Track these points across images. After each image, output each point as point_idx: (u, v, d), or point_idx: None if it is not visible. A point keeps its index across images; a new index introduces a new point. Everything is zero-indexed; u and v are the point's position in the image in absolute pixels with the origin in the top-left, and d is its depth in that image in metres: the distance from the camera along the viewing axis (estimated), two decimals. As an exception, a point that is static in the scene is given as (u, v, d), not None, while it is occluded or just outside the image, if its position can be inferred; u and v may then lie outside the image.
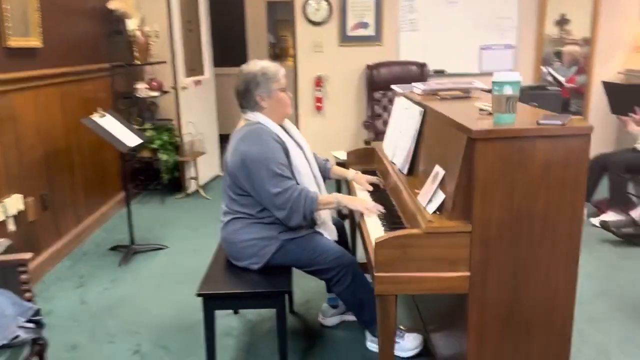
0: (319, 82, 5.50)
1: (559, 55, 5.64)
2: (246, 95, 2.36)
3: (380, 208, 2.30)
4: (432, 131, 2.17)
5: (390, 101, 5.40)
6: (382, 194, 2.57)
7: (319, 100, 5.56)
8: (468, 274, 1.75)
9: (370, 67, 5.35)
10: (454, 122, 1.82)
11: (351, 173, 2.77)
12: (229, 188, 2.37)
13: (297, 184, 2.29)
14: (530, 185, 1.69)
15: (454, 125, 1.82)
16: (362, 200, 2.39)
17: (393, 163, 2.55)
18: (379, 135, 5.24)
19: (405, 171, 2.36)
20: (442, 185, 1.88)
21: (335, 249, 2.35)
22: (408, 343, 2.49)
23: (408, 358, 2.48)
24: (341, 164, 3.05)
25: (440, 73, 5.49)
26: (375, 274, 1.77)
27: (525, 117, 1.81)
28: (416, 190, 2.08)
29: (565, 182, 1.68)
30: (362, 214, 2.28)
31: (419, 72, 5.31)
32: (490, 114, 1.92)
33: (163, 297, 3.18)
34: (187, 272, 3.48)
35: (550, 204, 1.70)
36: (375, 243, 1.74)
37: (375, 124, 5.32)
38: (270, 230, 2.32)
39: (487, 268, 1.75)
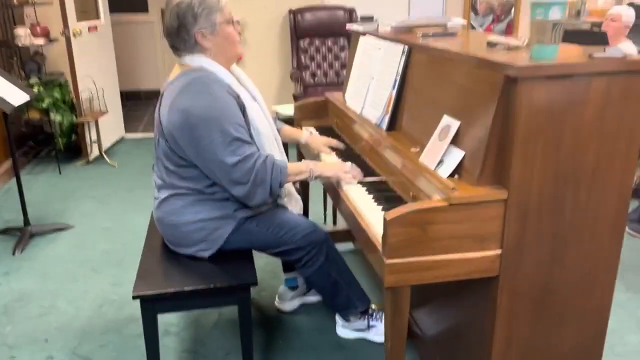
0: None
1: (471, 6, 5.57)
2: (181, 34, 1.77)
3: (360, 171, 1.89)
4: (426, 73, 1.75)
5: (318, 50, 4.92)
6: (354, 156, 2.13)
7: (237, 49, 4.94)
8: (499, 252, 1.40)
9: (293, 12, 4.82)
10: (478, 59, 1.41)
11: (305, 134, 2.29)
12: (165, 157, 1.80)
13: (258, 149, 1.78)
14: (580, 136, 1.33)
15: (479, 63, 1.41)
16: (338, 165, 1.94)
17: (364, 117, 2.11)
18: (308, 89, 4.77)
19: (385, 126, 1.94)
20: (455, 141, 1.49)
21: (304, 224, 1.90)
22: (387, 326, 2.13)
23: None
24: (286, 120, 2.55)
25: (368, 20, 5.06)
26: (387, 261, 1.35)
27: (561, 51, 1.43)
28: (412, 149, 1.68)
29: (619, 130, 1.35)
30: (338, 182, 1.86)
31: (347, 18, 4.87)
32: (509, 49, 1.53)
33: (76, 290, 2.58)
34: (102, 256, 2.90)
35: (600, 158, 1.36)
36: (388, 220, 1.31)
37: (303, 76, 4.83)
38: (223, 208, 1.81)
39: (523, 243, 1.40)
